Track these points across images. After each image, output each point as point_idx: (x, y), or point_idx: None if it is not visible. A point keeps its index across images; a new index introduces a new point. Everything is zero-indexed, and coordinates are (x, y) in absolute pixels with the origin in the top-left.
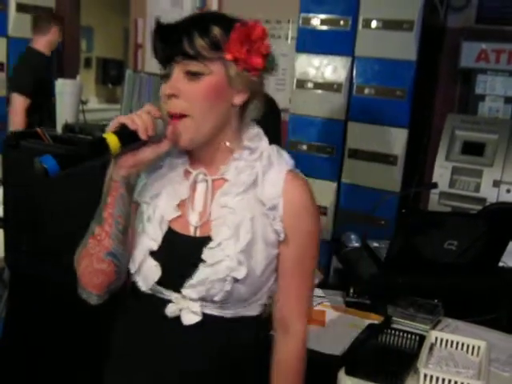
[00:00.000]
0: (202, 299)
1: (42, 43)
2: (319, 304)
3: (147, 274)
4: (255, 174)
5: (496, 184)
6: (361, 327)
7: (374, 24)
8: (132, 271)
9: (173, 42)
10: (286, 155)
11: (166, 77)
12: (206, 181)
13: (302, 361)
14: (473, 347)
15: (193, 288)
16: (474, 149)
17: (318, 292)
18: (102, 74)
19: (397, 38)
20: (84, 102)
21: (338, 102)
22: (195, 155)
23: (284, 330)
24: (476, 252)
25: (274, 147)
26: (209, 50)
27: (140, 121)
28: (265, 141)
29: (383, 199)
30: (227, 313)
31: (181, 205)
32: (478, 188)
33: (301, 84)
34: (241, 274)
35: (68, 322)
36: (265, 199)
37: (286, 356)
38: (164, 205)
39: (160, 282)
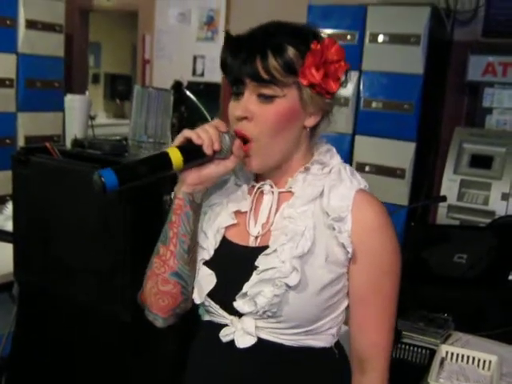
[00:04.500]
0: (255, 313)
1: None
2: None
3: (201, 283)
4: (322, 187)
5: (505, 197)
6: None
7: (380, 38)
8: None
9: (245, 60)
10: (358, 176)
11: (237, 94)
12: (272, 192)
13: None
14: (484, 361)
15: (243, 298)
16: (482, 162)
17: None
18: (109, 90)
19: (404, 52)
20: (92, 118)
21: (345, 116)
22: (263, 173)
23: (360, 368)
24: (486, 265)
25: (347, 166)
26: (283, 74)
27: (205, 135)
28: (336, 158)
29: (391, 213)
30: (287, 339)
31: (239, 215)
32: (486, 201)
33: None
34: (293, 280)
35: (77, 337)
36: (330, 210)
37: None
38: (220, 214)
39: (214, 296)
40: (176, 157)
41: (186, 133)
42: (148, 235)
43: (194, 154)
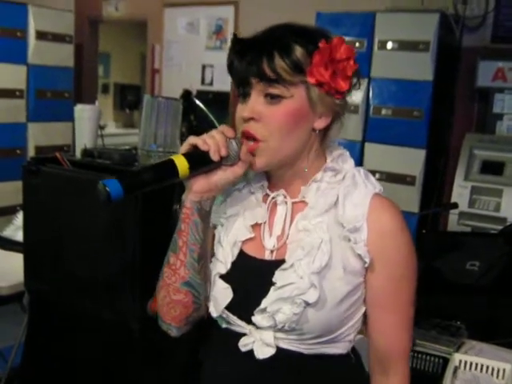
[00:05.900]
0: (274, 327)
1: None
2: None
3: (217, 297)
4: (336, 196)
5: None
6: None
7: (389, 45)
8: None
9: (251, 61)
10: (373, 179)
11: (243, 96)
12: (286, 203)
13: None
14: (498, 370)
15: (262, 314)
16: (493, 168)
17: None
18: (119, 100)
19: (413, 59)
20: (102, 127)
21: (354, 123)
22: (274, 178)
23: (382, 373)
24: (498, 272)
25: (361, 169)
26: (290, 73)
27: (212, 141)
28: (350, 162)
29: None
30: (306, 348)
31: (255, 227)
32: (498, 208)
33: None
34: (312, 297)
35: (87, 347)
36: (345, 221)
37: None
38: (237, 226)
39: (232, 309)
40: (182, 164)
41: (192, 139)
42: (158, 245)
43: (200, 161)
